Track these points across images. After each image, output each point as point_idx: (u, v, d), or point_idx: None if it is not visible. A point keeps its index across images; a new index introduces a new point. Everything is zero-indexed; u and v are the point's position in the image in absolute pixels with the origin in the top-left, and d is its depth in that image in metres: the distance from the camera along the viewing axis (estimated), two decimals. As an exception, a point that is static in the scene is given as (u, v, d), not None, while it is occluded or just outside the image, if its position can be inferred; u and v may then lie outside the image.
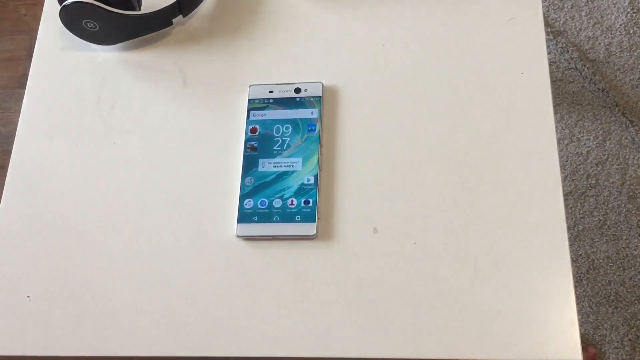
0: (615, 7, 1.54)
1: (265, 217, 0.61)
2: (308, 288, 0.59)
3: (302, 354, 0.56)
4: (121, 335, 0.59)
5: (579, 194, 1.39)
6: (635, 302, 1.30)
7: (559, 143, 1.43)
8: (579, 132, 1.44)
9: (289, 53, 0.70)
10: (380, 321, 0.57)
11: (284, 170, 0.62)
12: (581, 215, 1.37)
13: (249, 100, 0.66)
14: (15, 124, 0.69)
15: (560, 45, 1.52)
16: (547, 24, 1.53)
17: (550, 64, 1.50)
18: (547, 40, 1.51)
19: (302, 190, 0.61)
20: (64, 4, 0.65)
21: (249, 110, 0.66)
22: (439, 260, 0.59)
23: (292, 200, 0.61)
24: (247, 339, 0.57)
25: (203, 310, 0.59)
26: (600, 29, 1.53)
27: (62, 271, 0.62)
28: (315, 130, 0.64)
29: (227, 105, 0.67)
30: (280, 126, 0.65)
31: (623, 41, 1.51)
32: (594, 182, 1.40)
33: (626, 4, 1.54)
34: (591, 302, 1.31)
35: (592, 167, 1.41)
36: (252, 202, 0.61)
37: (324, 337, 0.57)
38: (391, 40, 0.69)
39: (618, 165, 1.41)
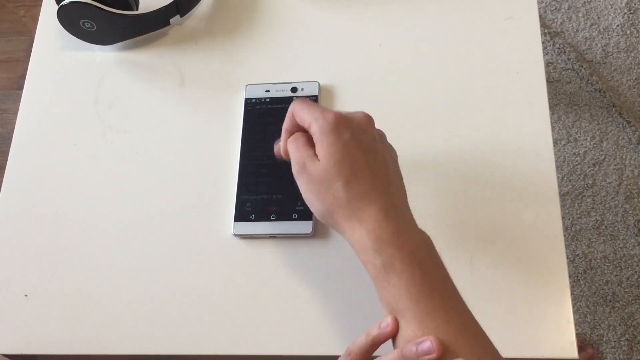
0: (612, 8, 1.54)
1: (262, 215, 0.61)
2: (305, 286, 0.59)
3: (298, 351, 0.57)
4: (118, 334, 0.59)
5: (577, 194, 1.39)
6: (633, 302, 1.30)
7: (556, 143, 1.43)
8: (576, 133, 1.45)
9: (286, 52, 0.70)
10: (377, 319, 0.57)
11: (281, 169, 0.62)
12: (578, 216, 1.38)
13: (246, 99, 0.66)
14: (13, 125, 0.69)
15: (557, 46, 1.52)
16: (544, 25, 1.54)
17: (547, 65, 1.50)
18: (544, 41, 1.52)
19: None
20: (61, 4, 0.65)
21: (245, 110, 0.66)
22: (435, 258, 0.59)
23: (289, 199, 0.61)
24: (244, 337, 0.57)
25: (200, 308, 0.59)
26: (597, 29, 1.53)
27: (60, 270, 0.62)
28: (312, 129, 0.64)
29: (224, 104, 0.68)
30: (276, 125, 0.64)
31: (620, 42, 1.51)
32: (591, 182, 1.40)
33: (623, 5, 1.54)
34: (588, 302, 1.31)
35: (589, 167, 1.41)
36: (248, 201, 0.62)
37: (321, 335, 0.57)
38: (387, 40, 0.69)
39: (615, 165, 1.41)
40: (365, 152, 0.49)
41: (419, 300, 0.45)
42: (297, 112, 0.51)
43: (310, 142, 0.51)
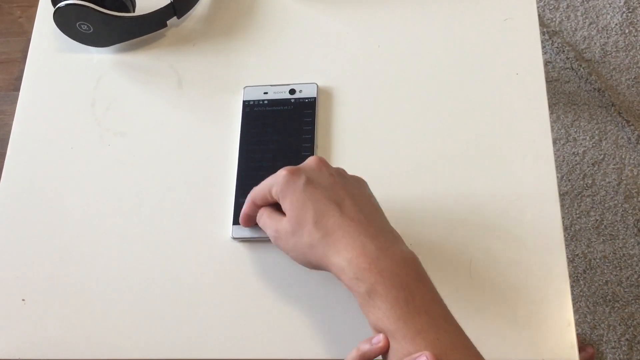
0: (610, 6, 1.54)
1: (260, 218, 0.60)
2: (304, 289, 0.58)
3: (296, 356, 0.56)
4: (116, 339, 0.58)
5: (576, 194, 1.39)
6: (632, 301, 1.30)
7: (555, 143, 1.43)
8: (575, 132, 1.45)
9: (284, 54, 0.69)
10: (376, 323, 0.57)
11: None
12: (578, 215, 1.38)
13: (244, 101, 0.66)
14: (10, 127, 0.69)
15: (556, 45, 1.52)
16: (542, 24, 1.54)
17: (546, 64, 1.50)
18: (543, 40, 1.52)
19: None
20: (57, 6, 0.64)
21: (243, 112, 0.66)
22: (434, 261, 0.58)
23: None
24: (242, 341, 0.57)
25: (199, 312, 0.59)
26: (596, 28, 1.53)
27: (57, 274, 0.61)
28: (309, 131, 0.64)
29: (221, 106, 0.67)
30: (274, 127, 0.64)
31: (619, 41, 1.51)
32: (590, 181, 1.40)
33: (621, 3, 1.54)
34: (588, 302, 1.31)
35: (588, 167, 1.41)
36: (247, 204, 0.61)
37: (321, 339, 0.57)
38: (385, 42, 0.69)
39: (614, 165, 1.41)
40: (325, 189, 0.50)
41: (407, 320, 0.45)
42: (256, 194, 0.54)
43: (274, 210, 0.53)
